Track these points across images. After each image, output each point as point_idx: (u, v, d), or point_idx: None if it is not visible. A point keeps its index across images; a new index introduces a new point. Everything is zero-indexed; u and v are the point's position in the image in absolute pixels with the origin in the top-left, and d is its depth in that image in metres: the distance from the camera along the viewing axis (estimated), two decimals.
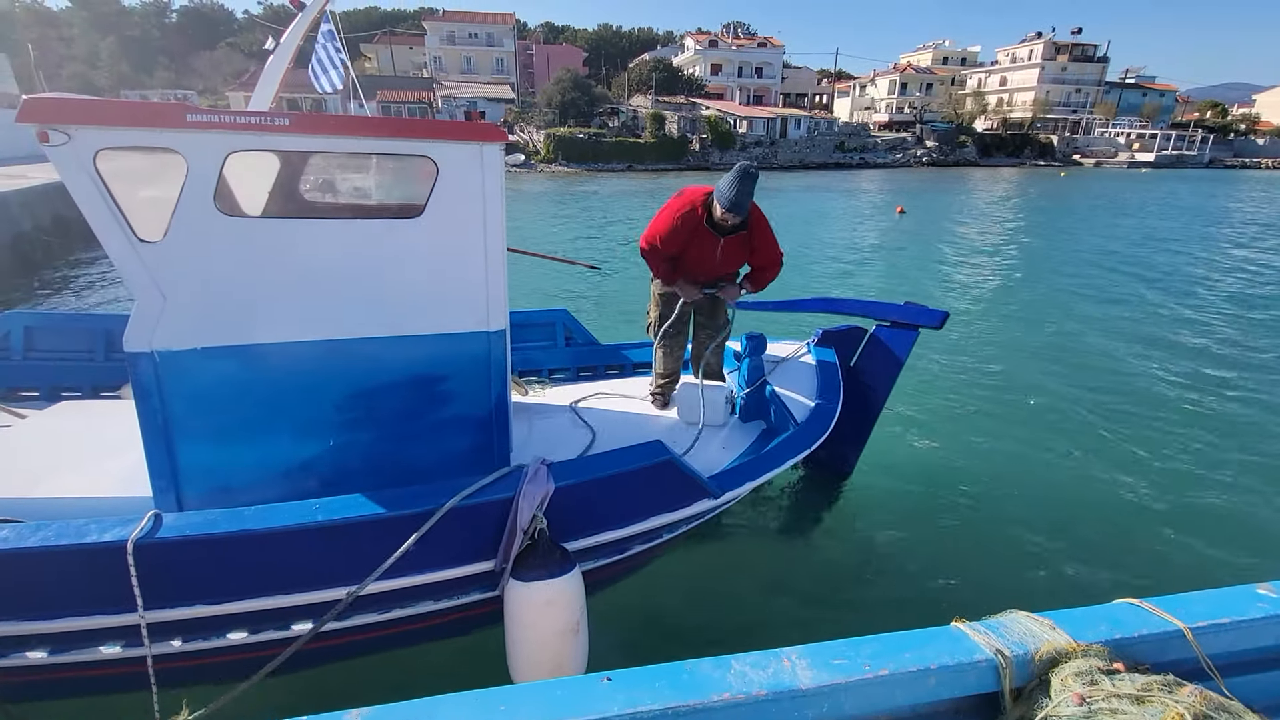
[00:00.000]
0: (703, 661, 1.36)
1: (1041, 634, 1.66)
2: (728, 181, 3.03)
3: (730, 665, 1.36)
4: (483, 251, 2.31)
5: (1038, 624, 1.71)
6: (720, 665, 1.36)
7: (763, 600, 3.20)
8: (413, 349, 2.34)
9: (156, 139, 1.93)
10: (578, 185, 31.55)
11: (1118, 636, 1.71)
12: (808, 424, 3.03)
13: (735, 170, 3.05)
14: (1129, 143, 62.16)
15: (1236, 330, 8.15)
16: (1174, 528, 3.84)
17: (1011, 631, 1.67)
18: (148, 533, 1.88)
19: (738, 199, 3.01)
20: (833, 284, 10.84)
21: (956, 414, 5.35)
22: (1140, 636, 1.74)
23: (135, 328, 2.03)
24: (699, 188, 3.25)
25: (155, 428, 2.11)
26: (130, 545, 1.83)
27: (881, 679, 1.41)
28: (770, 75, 65.91)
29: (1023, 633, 1.67)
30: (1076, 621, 1.76)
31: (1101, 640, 1.69)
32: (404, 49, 59.18)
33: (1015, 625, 1.70)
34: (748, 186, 3.02)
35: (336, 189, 5.97)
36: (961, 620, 1.70)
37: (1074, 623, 1.75)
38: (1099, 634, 1.71)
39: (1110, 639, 1.70)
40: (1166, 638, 1.75)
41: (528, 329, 4.10)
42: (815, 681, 1.35)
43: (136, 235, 1.97)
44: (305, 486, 2.33)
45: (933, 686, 1.50)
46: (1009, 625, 1.70)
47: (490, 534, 2.17)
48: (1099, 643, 1.67)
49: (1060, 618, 1.77)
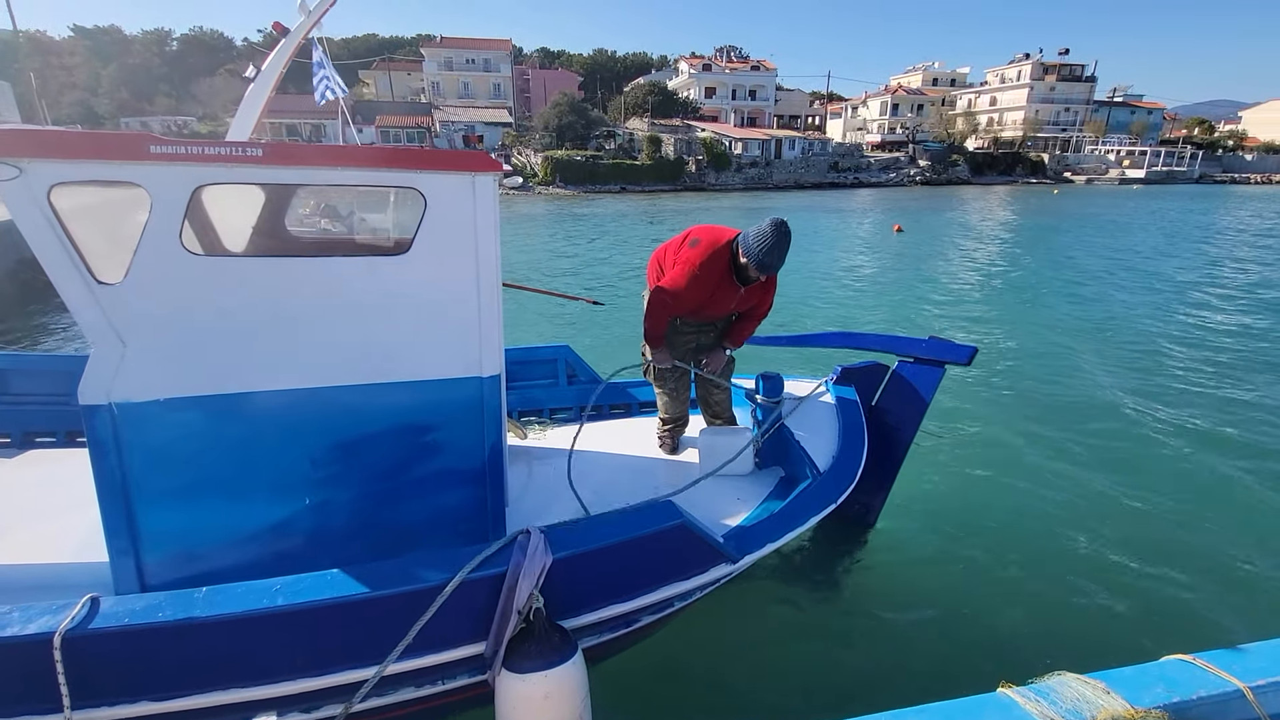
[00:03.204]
0: None
1: (1096, 699, 1.54)
2: (763, 242, 2.73)
3: None
4: (475, 291, 2.13)
5: (1090, 687, 1.60)
6: None
7: (785, 665, 2.94)
8: (398, 397, 2.15)
9: (117, 172, 1.78)
10: (576, 207, 31.68)
11: (1175, 700, 1.60)
12: (831, 475, 2.78)
13: (770, 227, 2.74)
14: (1119, 160, 62.90)
15: None
16: (1219, 570, 3.64)
17: (1063, 697, 1.56)
18: (79, 623, 1.67)
19: (773, 262, 2.75)
20: (837, 307, 10.70)
21: (979, 448, 5.16)
22: (1199, 699, 1.63)
23: (91, 377, 1.87)
24: (713, 233, 2.96)
25: (113, 487, 1.94)
26: (58, 639, 1.63)
27: None
28: (764, 97, 66.87)
29: (1075, 698, 1.56)
30: (1129, 683, 1.65)
31: (1159, 704, 1.58)
32: (402, 75, 59.98)
33: (1066, 690, 1.58)
34: (784, 246, 2.75)
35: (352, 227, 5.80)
36: (1008, 685, 1.58)
37: (1127, 684, 1.64)
38: (1155, 697, 1.60)
39: (1168, 703, 1.59)
40: (1226, 699, 1.64)
41: (528, 366, 3.90)
42: None
43: (94, 277, 1.81)
44: (280, 549, 2.15)
45: None
46: (1059, 690, 1.59)
47: (479, 614, 1.95)
48: (1157, 708, 1.56)
49: (1112, 679, 1.66)
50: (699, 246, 2.92)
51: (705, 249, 2.90)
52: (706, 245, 2.91)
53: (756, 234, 2.77)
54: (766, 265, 2.77)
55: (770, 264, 2.77)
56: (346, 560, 2.20)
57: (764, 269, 2.79)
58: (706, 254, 2.88)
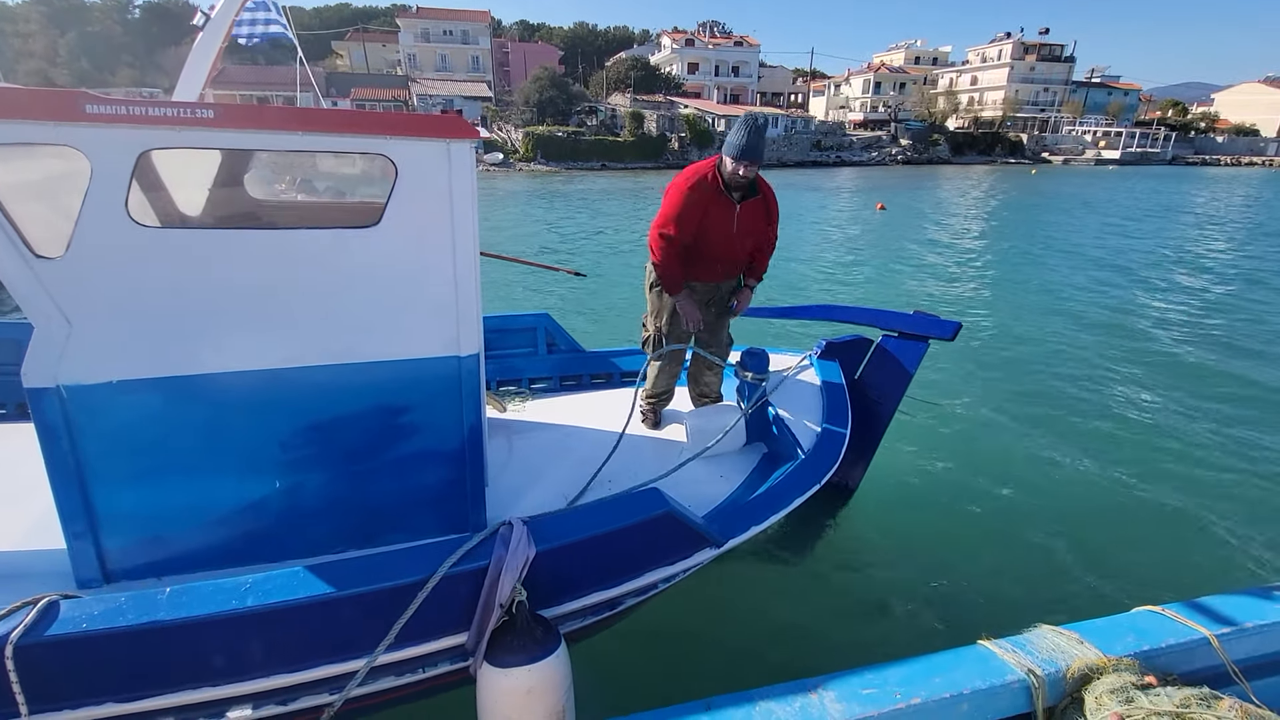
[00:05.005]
0: (723, 699, 1.26)
1: (1070, 649, 1.59)
2: (737, 135, 2.79)
3: (755, 702, 1.26)
4: (451, 265, 2.01)
5: (1064, 638, 1.65)
6: (743, 702, 1.26)
7: (768, 630, 2.98)
8: (371, 378, 2.05)
9: (49, 134, 1.62)
10: (558, 184, 31.27)
11: (1145, 648, 1.66)
12: (815, 454, 2.77)
13: (741, 121, 2.80)
14: (1095, 141, 63.68)
15: (1258, 326, 8.11)
16: (1183, 528, 3.82)
17: (1039, 648, 1.60)
18: (31, 629, 1.55)
19: (750, 144, 2.77)
20: (822, 283, 10.75)
21: (957, 417, 5.30)
22: (1167, 646, 1.69)
23: (35, 359, 1.73)
24: (700, 163, 3.02)
25: (66, 472, 1.83)
26: (9, 649, 1.52)
27: (914, 708, 1.33)
28: (747, 74, 66.19)
29: (1051, 649, 1.60)
30: (1102, 633, 1.71)
31: (1130, 653, 1.63)
32: (377, 47, 58.17)
33: (1042, 641, 1.63)
34: (759, 133, 2.79)
35: (313, 184, 5.56)
36: (988, 638, 1.63)
37: (1100, 634, 1.70)
38: (1127, 646, 1.66)
39: (1139, 650, 1.65)
40: (1192, 646, 1.71)
41: (506, 334, 3.79)
42: (846, 715, 1.25)
43: (31, 250, 1.68)
44: (251, 532, 2.07)
45: (966, 712, 1.41)
46: (1036, 641, 1.63)
47: (461, 607, 1.89)
48: (1128, 655, 1.62)
49: (1085, 630, 1.71)
50: (683, 173, 3.00)
51: (686, 171, 2.98)
52: (688, 169, 2.99)
53: (731, 134, 2.85)
54: (747, 150, 2.79)
55: (749, 149, 2.79)
56: (320, 544, 2.13)
57: (745, 155, 2.80)
58: (689, 174, 2.95)
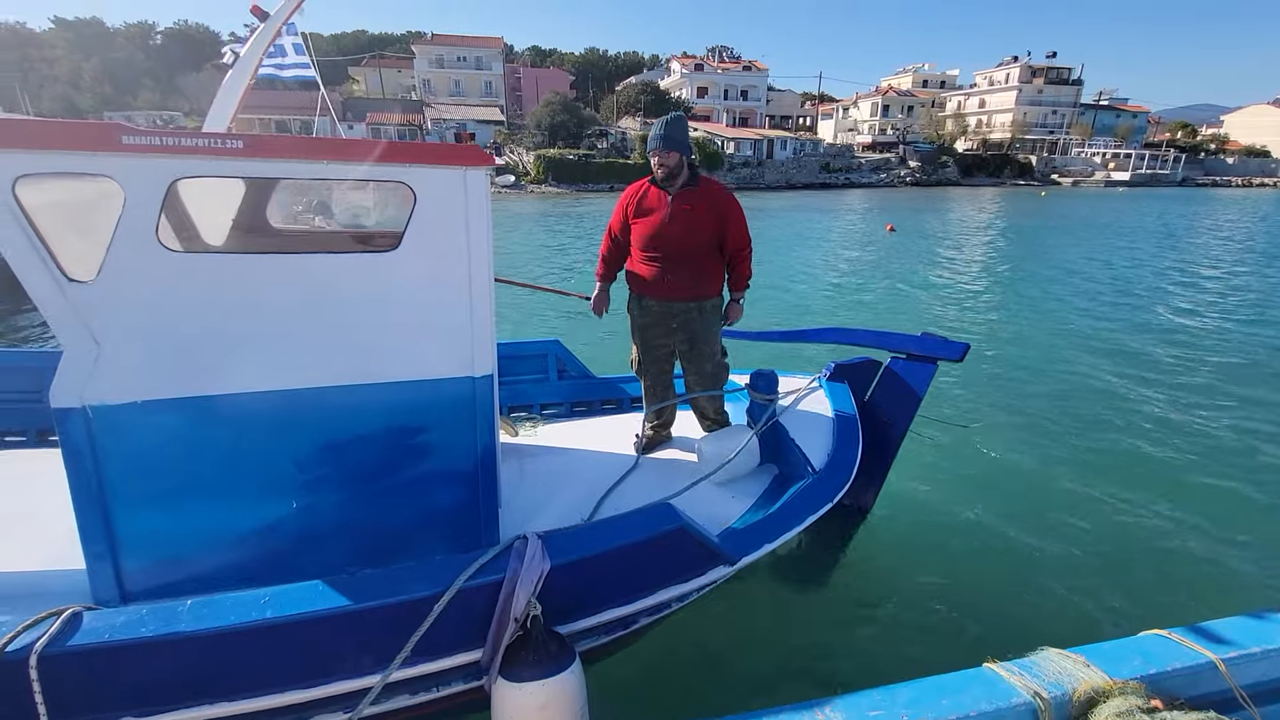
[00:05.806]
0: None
1: (1076, 672, 1.62)
2: (654, 127, 3.04)
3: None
4: (467, 288, 2.08)
5: (1071, 661, 1.67)
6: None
7: (780, 649, 3.00)
8: (388, 398, 2.10)
9: (86, 164, 1.70)
10: (569, 205, 31.67)
11: (1151, 671, 1.68)
12: (826, 473, 2.80)
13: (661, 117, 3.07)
14: (1105, 162, 63.77)
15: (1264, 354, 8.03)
16: (1192, 551, 3.80)
17: (1046, 671, 1.63)
18: (54, 639, 1.60)
19: (664, 134, 2.95)
20: (833, 306, 10.77)
21: (968, 439, 5.27)
22: (1174, 670, 1.71)
23: (64, 379, 1.79)
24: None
25: (88, 492, 1.88)
26: (34, 658, 1.56)
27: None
28: (756, 98, 67.14)
29: (1057, 671, 1.63)
30: (1108, 656, 1.73)
31: (1136, 676, 1.65)
32: (392, 72, 59.64)
33: (1048, 663, 1.66)
34: (675, 122, 2.99)
35: (331, 212, 5.74)
36: (994, 661, 1.65)
37: (1106, 658, 1.72)
38: (1133, 669, 1.68)
39: (1145, 674, 1.67)
40: (1199, 670, 1.72)
41: (517, 361, 3.86)
42: None
43: (65, 274, 1.74)
44: (267, 553, 2.10)
45: None
46: (1042, 664, 1.66)
47: (475, 622, 1.91)
48: (1135, 679, 1.64)
49: (1091, 653, 1.74)
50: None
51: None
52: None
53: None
54: (660, 140, 2.96)
55: (663, 138, 2.95)
56: (335, 564, 2.15)
57: (656, 144, 2.97)
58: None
